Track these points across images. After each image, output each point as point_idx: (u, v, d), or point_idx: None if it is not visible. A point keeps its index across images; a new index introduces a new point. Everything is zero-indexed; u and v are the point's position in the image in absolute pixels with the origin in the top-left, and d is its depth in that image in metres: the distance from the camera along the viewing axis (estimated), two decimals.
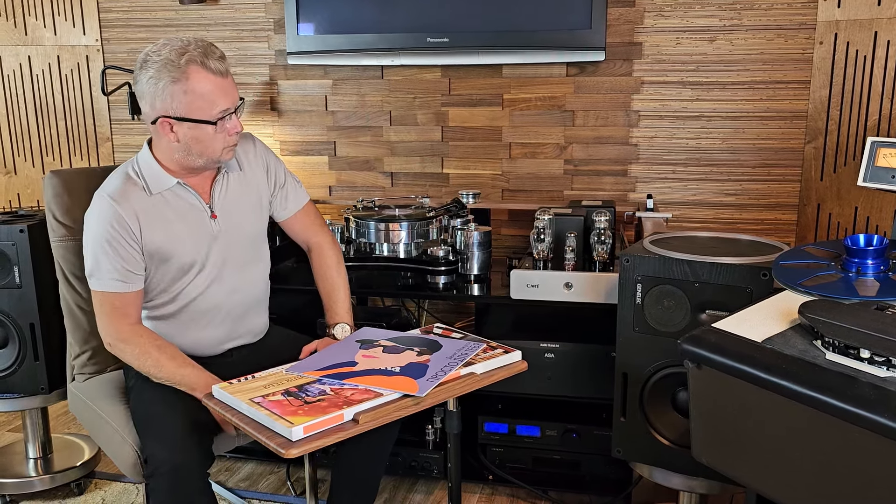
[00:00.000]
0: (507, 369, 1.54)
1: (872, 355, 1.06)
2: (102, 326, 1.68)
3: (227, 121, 1.64)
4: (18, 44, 3.05)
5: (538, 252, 2.12)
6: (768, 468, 1.14)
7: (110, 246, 1.63)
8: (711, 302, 1.69)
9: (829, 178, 2.42)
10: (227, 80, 1.64)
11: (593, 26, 2.41)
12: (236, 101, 1.66)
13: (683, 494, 1.90)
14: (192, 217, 1.72)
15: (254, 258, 1.85)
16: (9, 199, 3.19)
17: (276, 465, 2.48)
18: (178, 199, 1.71)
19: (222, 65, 1.62)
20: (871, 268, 1.33)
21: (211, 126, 1.62)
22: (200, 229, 1.73)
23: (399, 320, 2.48)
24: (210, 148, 1.65)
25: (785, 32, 2.40)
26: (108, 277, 1.64)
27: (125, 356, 1.67)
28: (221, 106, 1.62)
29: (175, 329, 1.76)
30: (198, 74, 1.58)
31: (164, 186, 1.70)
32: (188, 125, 1.61)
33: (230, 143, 1.67)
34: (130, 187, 1.68)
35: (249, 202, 1.82)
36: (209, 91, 1.60)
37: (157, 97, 1.60)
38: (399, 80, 2.74)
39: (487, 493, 2.32)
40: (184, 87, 1.58)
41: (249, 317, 1.86)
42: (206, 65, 1.59)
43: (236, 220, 1.79)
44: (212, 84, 1.60)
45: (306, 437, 1.26)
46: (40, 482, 2.31)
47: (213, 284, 1.76)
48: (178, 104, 1.59)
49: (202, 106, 1.60)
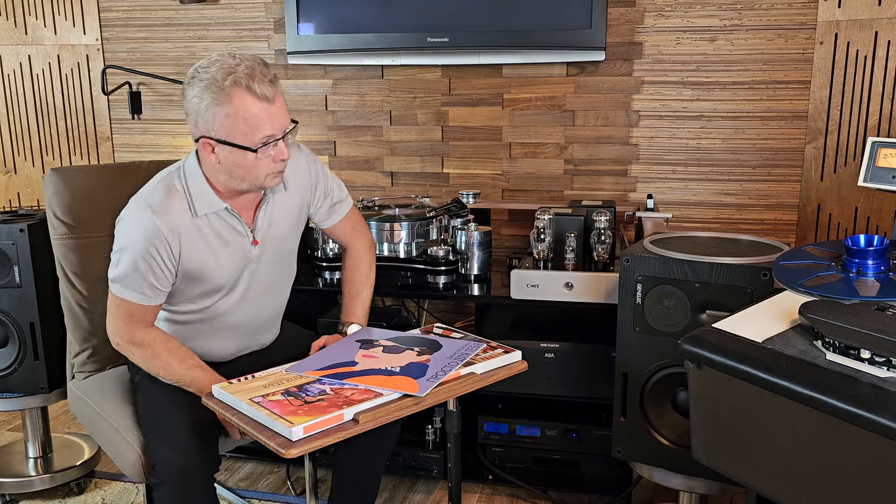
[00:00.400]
0: (507, 369, 1.54)
1: (873, 356, 1.06)
2: (114, 328, 1.64)
3: (272, 147, 1.54)
4: (19, 43, 3.05)
5: (538, 252, 2.12)
6: (768, 468, 1.14)
7: (145, 263, 1.56)
8: (712, 302, 1.69)
9: (830, 179, 2.42)
10: (275, 106, 1.52)
11: (594, 26, 2.41)
12: (284, 128, 1.55)
13: (683, 494, 1.90)
14: (233, 243, 1.65)
15: (284, 276, 1.82)
16: (9, 198, 3.19)
17: (275, 465, 2.48)
18: (222, 223, 1.63)
19: (270, 89, 1.51)
20: (872, 268, 1.33)
21: (251, 153, 1.52)
22: (239, 255, 1.67)
23: (399, 320, 2.48)
24: (252, 174, 1.56)
25: (785, 32, 2.40)
26: (133, 290, 1.59)
27: (133, 358, 1.65)
28: (265, 132, 1.51)
29: (191, 333, 1.73)
30: (241, 98, 1.48)
31: (211, 210, 1.61)
32: (229, 149, 1.52)
33: (275, 169, 1.57)
34: (176, 204, 1.59)
35: (290, 221, 1.75)
36: (252, 116, 1.50)
37: (200, 116, 1.52)
38: (399, 79, 2.74)
39: (487, 492, 2.32)
40: (226, 111, 1.49)
41: (264, 332, 1.84)
42: (251, 88, 1.48)
43: (275, 243, 1.73)
44: (256, 109, 1.49)
45: (306, 436, 1.26)
46: (40, 481, 2.31)
47: (239, 304, 1.73)
48: (219, 126, 1.51)
49: (245, 131, 1.50)
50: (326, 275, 2.32)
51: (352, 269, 1.89)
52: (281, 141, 1.54)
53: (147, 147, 3.03)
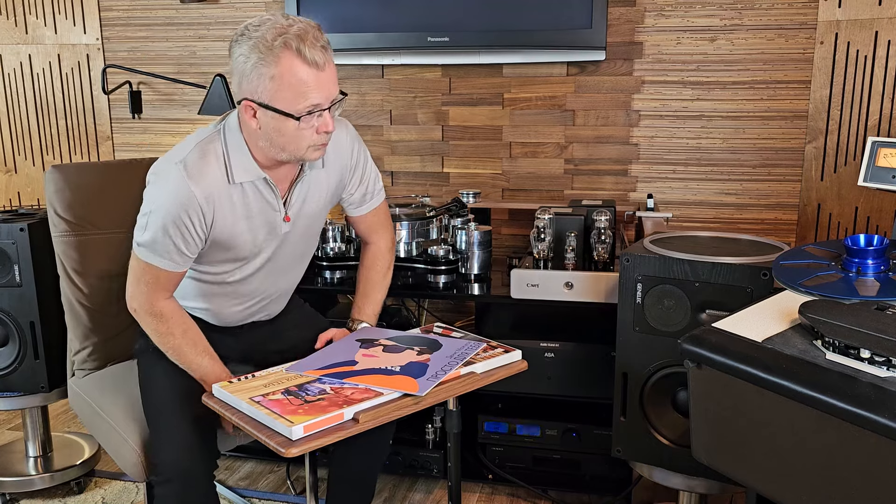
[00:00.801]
0: (507, 369, 1.54)
1: (872, 355, 1.06)
2: (135, 293, 1.58)
3: (317, 117, 1.46)
4: (19, 42, 3.05)
5: (538, 251, 2.12)
6: (768, 468, 1.14)
7: (176, 228, 1.50)
8: (712, 302, 1.69)
9: (830, 178, 2.42)
10: (325, 74, 1.44)
11: (594, 26, 2.40)
12: (331, 98, 1.47)
13: (683, 494, 1.90)
14: (265, 215, 1.60)
15: (306, 251, 1.79)
16: (9, 197, 3.19)
17: (275, 464, 2.48)
18: (256, 193, 1.57)
19: (322, 55, 1.42)
20: (872, 268, 1.33)
21: (294, 121, 1.45)
22: (269, 228, 1.63)
23: (399, 319, 2.48)
24: (293, 144, 1.48)
25: (785, 32, 2.40)
26: (161, 254, 1.53)
27: (147, 328, 1.61)
28: (311, 101, 1.43)
29: (203, 290, 1.71)
30: (290, 62, 1.40)
31: (249, 178, 1.55)
32: (271, 114, 1.45)
33: (318, 141, 1.50)
34: (213, 168, 1.52)
35: (323, 200, 1.70)
36: (299, 82, 1.41)
37: (245, 77, 1.44)
38: (399, 79, 2.74)
39: (487, 492, 2.32)
40: (272, 73, 1.41)
41: (275, 302, 1.82)
42: (301, 52, 1.40)
43: (306, 220, 1.69)
44: (304, 75, 1.41)
45: (306, 436, 1.26)
46: (40, 481, 2.31)
47: (259, 274, 1.70)
48: (263, 89, 1.43)
49: (288, 97, 1.43)
50: (327, 274, 2.32)
51: (369, 266, 1.86)
52: (326, 112, 1.47)
53: (147, 146, 3.03)
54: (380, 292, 1.85)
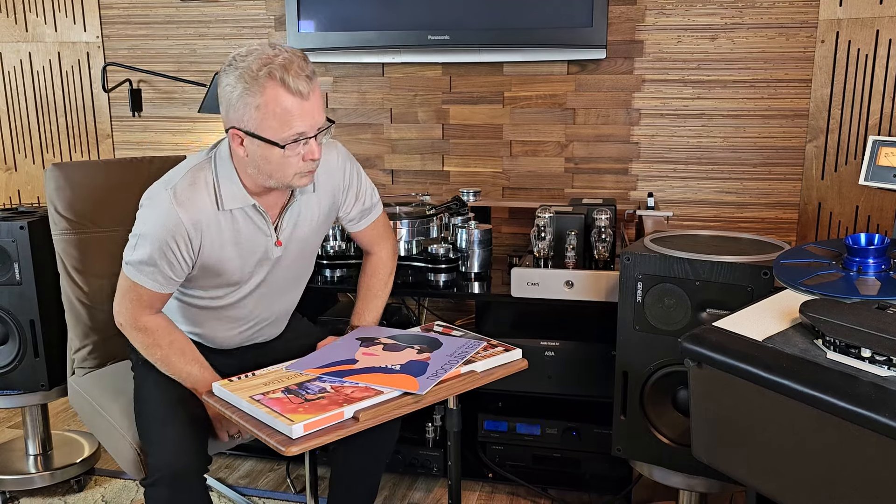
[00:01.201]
0: (507, 367, 1.54)
1: (873, 354, 1.05)
2: (121, 308, 1.60)
3: (303, 145, 1.48)
4: (19, 40, 3.05)
5: (539, 250, 2.12)
6: (769, 467, 1.14)
7: (163, 254, 1.52)
8: (712, 301, 1.69)
9: (830, 177, 2.42)
10: (309, 103, 1.45)
11: (594, 24, 2.40)
12: (316, 126, 1.49)
13: (683, 493, 1.90)
14: (255, 241, 1.61)
15: (301, 274, 1.79)
16: (9, 195, 3.19)
17: (275, 463, 2.49)
18: (247, 220, 1.59)
19: (306, 85, 1.44)
20: (872, 267, 1.33)
21: (279, 149, 1.46)
22: (261, 254, 1.63)
23: (399, 318, 2.48)
24: (280, 171, 1.50)
25: (786, 31, 2.39)
26: (148, 276, 1.54)
27: (134, 342, 1.63)
28: (296, 129, 1.45)
29: (198, 317, 1.71)
30: (274, 91, 1.42)
31: (238, 205, 1.56)
32: (258, 142, 1.47)
33: (304, 169, 1.51)
34: (202, 195, 1.54)
35: (316, 223, 1.71)
36: (283, 111, 1.44)
37: (231, 106, 1.47)
38: (400, 77, 2.74)
39: (487, 491, 2.32)
40: (257, 102, 1.43)
41: (273, 326, 1.82)
42: (285, 82, 1.42)
43: (299, 245, 1.69)
44: (288, 104, 1.43)
45: (306, 434, 1.26)
46: (40, 479, 2.31)
47: (252, 299, 1.71)
48: (249, 118, 1.45)
49: (274, 126, 1.45)
50: (327, 272, 2.32)
51: (371, 274, 1.86)
52: (312, 140, 1.49)
53: (147, 144, 3.03)
54: (380, 299, 1.85)
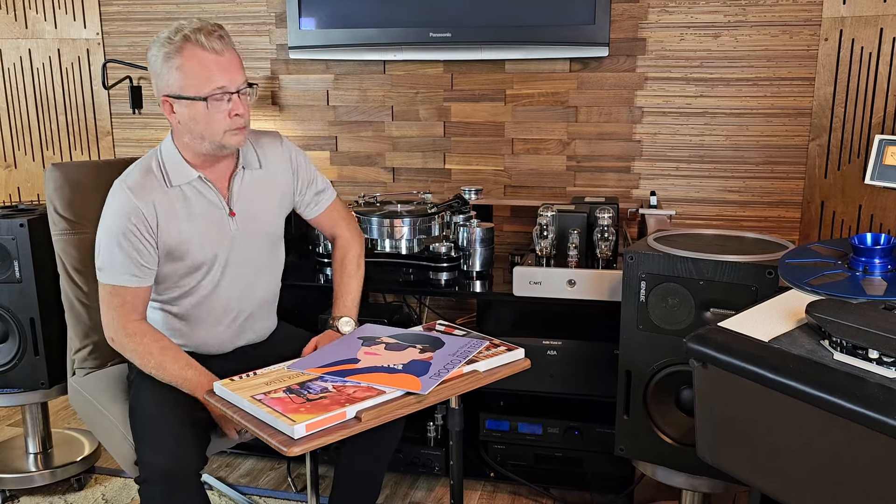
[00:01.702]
0: (510, 367, 1.53)
1: (881, 356, 1.05)
2: (108, 321, 1.65)
3: (227, 102, 1.57)
4: (19, 37, 3.03)
5: (541, 249, 2.11)
6: (774, 468, 1.14)
7: (126, 239, 1.59)
8: (716, 300, 1.68)
9: (834, 176, 2.41)
10: (224, 59, 1.57)
11: (597, 22, 2.39)
12: (236, 82, 1.59)
13: (686, 493, 1.90)
14: (210, 215, 1.68)
15: (269, 259, 1.82)
16: (9, 192, 3.18)
17: (276, 461, 2.48)
18: (197, 195, 1.67)
19: (219, 43, 1.56)
20: (879, 267, 1.32)
21: (202, 103, 1.56)
22: (217, 228, 1.69)
23: (401, 317, 2.47)
24: (209, 129, 1.59)
25: (790, 29, 2.38)
26: (121, 271, 1.61)
27: (127, 353, 1.66)
28: (215, 83, 1.55)
29: (184, 326, 1.75)
30: (190, 50, 1.54)
31: (185, 179, 1.66)
32: (184, 103, 1.57)
33: (232, 125, 1.60)
34: (151, 180, 1.64)
35: (269, 202, 1.78)
36: (200, 66, 1.55)
37: (157, 75, 1.59)
38: (401, 75, 2.73)
39: (489, 490, 2.31)
40: (177, 63, 1.55)
41: (259, 319, 1.84)
42: (198, 41, 1.54)
43: (255, 219, 1.74)
44: (204, 59, 1.55)
45: (308, 434, 1.25)
46: (40, 477, 2.30)
47: (226, 284, 1.73)
48: (173, 81, 1.56)
49: (194, 83, 1.55)
50: (327, 271, 2.31)
51: (340, 260, 1.90)
52: (235, 96, 1.58)
53: (148, 142, 3.02)
54: (356, 281, 1.87)
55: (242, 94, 1.61)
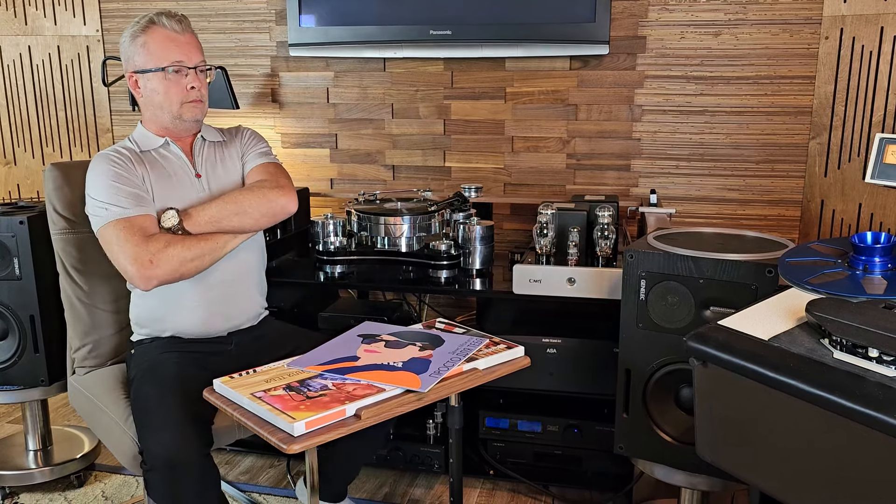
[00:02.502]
0: (509, 365, 1.53)
1: (881, 354, 1.05)
2: (132, 255, 1.62)
3: (182, 75, 1.77)
4: (18, 34, 3.03)
5: (541, 247, 2.11)
6: (774, 467, 1.14)
7: (118, 177, 1.70)
8: (716, 299, 1.68)
9: (834, 175, 2.41)
10: (184, 38, 1.78)
11: (597, 20, 2.39)
12: (193, 60, 1.79)
13: (685, 491, 1.90)
14: (180, 173, 1.81)
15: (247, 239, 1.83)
16: (8, 189, 3.18)
17: (276, 459, 2.48)
18: (166, 156, 1.82)
19: (179, 25, 1.78)
20: (879, 265, 1.32)
21: (160, 73, 1.75)
22: (188, 187, 1.80)
23: (400, 314, 2.47)
24: (168, 100, 1.77)
25: (790, 27, 2.38)
26: (125, 206, 1.67)
27: (173, 262, 1.64)
28: (173, 56, 1.76)
29: (165, 303, 1.77)
30: (154, 29, 1.77)
31: (153, 146, 1.82)
32: (148, 76, 1.77)
33: (188, 98, 1.78)
34: (126, 147, 1.80)
35: (232, 171, 1.89)
36: (162, 42, 1.76)
37: (125, 57, 1.80)
38: (401, 72, 2.73)
39: (488, 487, 2.31)
40: (142, 41, 1.76)
41: (243, 297, 1.87)
42: (161, 22, 1.77)
43: (219, 182, 1.85)
44: (164, 36, 1.76)
45: (308, 432, 1.25)
46: (40, 474, 2.30)
47: None
48: (137, 56, 1.77)
49: (156, 57, 1.76)
50: (327, 268, 2.31)
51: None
52: (192, 71, 1.78)
53: None
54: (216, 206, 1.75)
55: (200, 71, 1.81)
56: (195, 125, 1.84)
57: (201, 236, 1.71)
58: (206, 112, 1.85)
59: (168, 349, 1.77)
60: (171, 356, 1.74)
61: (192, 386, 1.56)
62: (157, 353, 1.76)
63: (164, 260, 1.63)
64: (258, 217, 1.77)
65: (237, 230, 1.77)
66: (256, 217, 1.77)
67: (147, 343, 1.81)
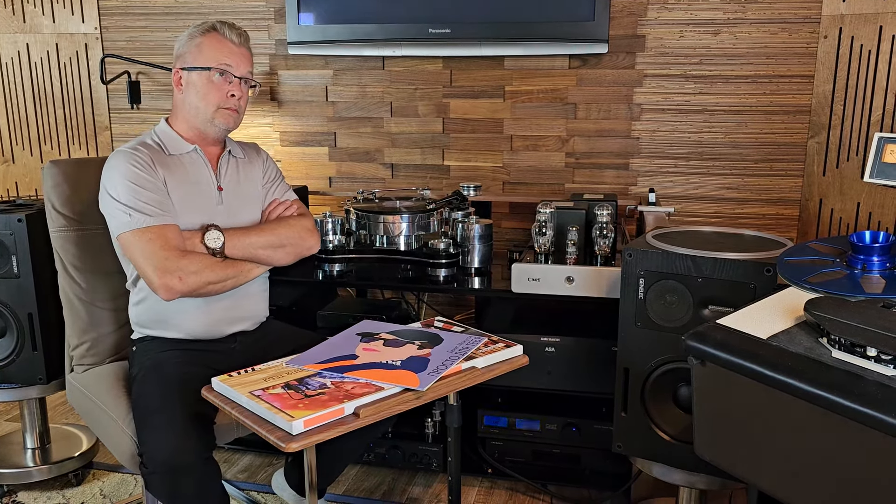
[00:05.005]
0: (508, 363, 1.54)
1: (879, 353, 1.05)
2: (160, 262, 1.62)
3: (228, 80, 1.78)
4: (17, 31, 3.03)
5: (539, 246, 2.11)
6: (772, 466, 1.14)
7: (139, 179, 1.69)
8: (714, 297, 1.68)
9: (832, 174, 2.41)
10: (238, 49, 1.80)
11: (596, 18, 2.39)
12: (241, 70, 1.80)
13: (683, 490, 1.90)
14: (203, 183, 1.81)
15: None
16: (6, 187, 3.18)
17: (274, 457, 2.48)
18: (192, 163, 1.81)
19: (238, 37, 1.80)
20: (877, 265, 1.32)
21: (206, 72, 1.76)
22: (208, 198, 1.80)
23: (399, 313, 2.47)
24: (206, 100, 1.77)
25: (789, 26, 2.38)
26: (150, 213, 1.66)
27: (202, 276, 1.66)
28: (224, 60, 1.77)
29: (171, 309, 1.76)
30: (212, 35, 1.79)
31: (181, 151, 1.81)
32: (192, 74, 1.77)
33: (227, 104, 1.79)
34: (149, 147, 1.78)
35: (250, 190, 1.90)
36: (217, 45, 1.78)
37: (178, 55, 1.81)
38: (400, 70, 2.72)
39: (486, 486, 2.32)
40: (198, 42, 1.78)
41: (248, 301, 1.87)
42: (221, 31, 1.79)
43: (238, 200, 1.85)
44: (221, 43, 1.78)
45: (307, 430, 1.25)
46: (38, 472, 2.30)
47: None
48: (189, 54, 1.79)
49: (207, 56, 1.77)
50: (326, 267, 2.31)
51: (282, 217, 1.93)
52: (237, 80, 1.79)
53: None
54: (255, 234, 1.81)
55: (245, 83, 1.82)
56: (223, 133, 1.84)
57: (230, 262, 1.73)
58: (238, 125, 1.85)
59: (171, 347, 1.77)
60: (174, 354, 1.74)
61: (195, 386, 1.55)
62: (159, 350, 1.76)
63: (193, 280, 1.66)
64: (290, 253, 1.86)
65: (267, 262, 1.82)
66: (289, 252, 1.86)
67: (149, 341, 1.81)
